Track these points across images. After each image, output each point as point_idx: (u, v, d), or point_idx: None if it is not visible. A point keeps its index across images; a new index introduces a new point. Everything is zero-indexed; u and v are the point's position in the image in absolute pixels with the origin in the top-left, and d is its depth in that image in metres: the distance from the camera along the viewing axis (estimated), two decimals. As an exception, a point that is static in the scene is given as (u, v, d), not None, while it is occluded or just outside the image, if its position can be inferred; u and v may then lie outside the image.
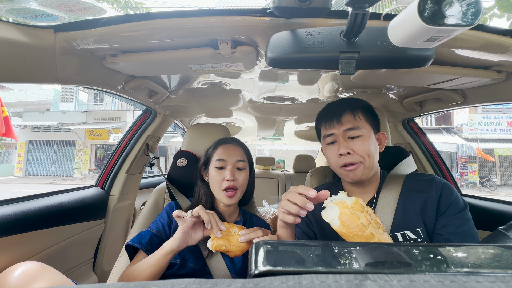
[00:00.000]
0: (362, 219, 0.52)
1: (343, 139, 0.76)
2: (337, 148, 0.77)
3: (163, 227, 0.88)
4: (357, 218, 0.51)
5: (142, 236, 0.84)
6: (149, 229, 0.87)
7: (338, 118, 0.78)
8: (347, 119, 0.77)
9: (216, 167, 0.90)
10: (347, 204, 0.53)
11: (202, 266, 0.84)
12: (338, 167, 0.78)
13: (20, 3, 0.65)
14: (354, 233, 0.51)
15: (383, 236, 0.53)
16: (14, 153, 14.57)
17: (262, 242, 0.28)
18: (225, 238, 0.72)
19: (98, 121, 13.62)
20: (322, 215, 0.56)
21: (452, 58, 0.76)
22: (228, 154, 0.91)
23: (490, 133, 11.16)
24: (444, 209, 0.70)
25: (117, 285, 0.19)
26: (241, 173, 0.91)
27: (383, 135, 0.83)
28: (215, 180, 0.89)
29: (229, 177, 0.87)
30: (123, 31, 0.66)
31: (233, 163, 0.90)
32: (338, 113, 0.78)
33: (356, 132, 0.75)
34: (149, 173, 5.22)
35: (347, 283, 0.18)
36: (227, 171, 0.88)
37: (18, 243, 0.90)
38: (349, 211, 0.52)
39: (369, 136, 0.76)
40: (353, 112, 0.78)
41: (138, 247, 0.80)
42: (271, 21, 0.62)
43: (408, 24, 0.40)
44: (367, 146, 0.74)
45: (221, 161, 0.90)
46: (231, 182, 0.87)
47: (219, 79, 1.16)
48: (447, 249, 0.27)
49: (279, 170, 3.20)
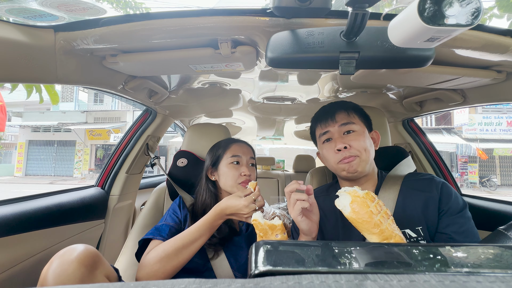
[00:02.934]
0: (372, 207, 0.55)
1: (338, 135, 0.79)
2: (334, 144, 0.79)
3: (178, 219, 0.90)
4: (367, 206, 0.55)
5: (161, 229, 0.84)
6: (165, 223, 0.87)
7: (332, 116, 0.81)
8: (341, 116, 0.81)
9: (231, 163, 0.93)
10: (359, 194, 0.57)
11: (205, 261, 0.85)
12: (336, 163, 0.79)
13: (20, 3, 0.65)
14: (363, 219, 0.54)
15: (392, 227, 0.55)
16: (14, 153, 14.57)
17: (262, 242, 0.28)
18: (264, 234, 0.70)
19: (98, 121, 13.62)
20: (335, 203, 0.59)
21: (452, 58, 0.76)
22: (242, 152, 0.95)
23: (490, 133, 11.16)
24: (445, 208, 0.71)
25: (117, 285, 0.19)
26: (253, 170, 0.96)
27: (377, 134, 0.86)
28: (230, 175, 0.91)
29: (247, 172, 0.91)
30: (123, 31, 0.66)
31: (247, 159, 0.95)
32: (332, 112, 0.82)
33: (351, 127, 0.79)
34: (149, 173, 5.23)
35: (347, 283, 0.18)
36: (244, 167, 0.92)
37: (18, 243, 0.90)
38: (360, 199, 0.56)
39: (363, 132, 0.80)
40: (346, 110, 0.82)
41: (160, 239, 0.80)
42: (271, 21, 0.62)
43: (408, 24, 0.40)
44: (362, 140, 0.77)
45: (237, 157, 0.94)
46: (248, 177, 0.91)
47: (219, 79, 1.15)
48: (447, 249, 0.27)
49: (279, 170, 3.20)
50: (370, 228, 0.53)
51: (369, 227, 0.53)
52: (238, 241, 0.90)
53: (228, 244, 0.88)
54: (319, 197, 0.88)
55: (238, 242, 0.90)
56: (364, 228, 0.54)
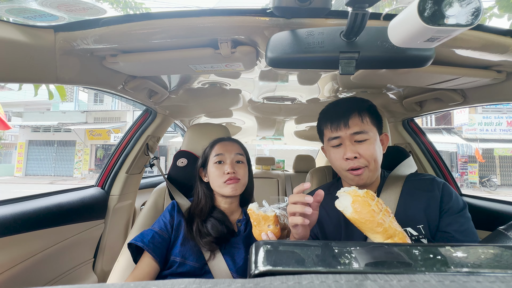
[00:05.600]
0: (373, 206, 0.54)
1: (349, 143, 0.74)
2: (343, 151, 0.75)
3: (165, 226, 0.88)
4: (368, 205, 0.54)
5: (145, 234, 0.84)
6: (151, 228, 0.87)
7: (345, 121, 0.75)
8: (355, 122, 0.75)
9: (215, 163, 0.92)
10: (359, 193, 0.56)
11: (202, 264, 0.84)
12: (344, 170, 0.76)
13: (20, 3, 0.65)
14: (365, 219, 0.53)
15: (394, 224, 0.55)
16: (14, 153, 14.56)
17: (262, 242, 0.28)
18: (258, 224, 0.75)
19: (98, 121, 13.62)
20: (336, 205, 0.58)
21: (452, 58, 0.76)
22: (225, 149, 0.94)
23: (490, 133, 11.15)
24: (447, 207, 0.71)
25: (117, 285, 0.19)
26: (241, 166, 0.94)
27: (386, 136, 0.82)
28: (215, 176, 0.91)
29: (229, 169, 0.89)
30: (123, 31, 0.66)
31: (232, 157, 0.93)
32: (345, 115, 0.76)
33: (363, 136, 0.74)
34: (149, 173, 5.23)
35: (347, 283, 0.18)
36: (227, 165, 0.91)
37: (18, 243, 0.90)
38: (361, 198, 0.55)
39: (375, 140, 0.75)
40: (360, 114, 0.75)
41: (141, 245, 0.81)
42: (271, 21, 0.62)
43: (408, 24, 0.40)
44: (373, 150, 0.73)
45: (220, 155, 0.92)
46: (232, 174, 0.89)
47: (219, 79, 1.15)
48: (447, 249, 0.27)
49: (279, 170, 3.20)
50: (374, 227, 0.53)
51: (372, 226, 0.53)
52: (235, 242, 0.90)
53: (225, 245, 0.88)
54: None
55: (236, 243, 0.89)
56: (367, 228, 0.54)
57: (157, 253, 0.82)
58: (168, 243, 0.86)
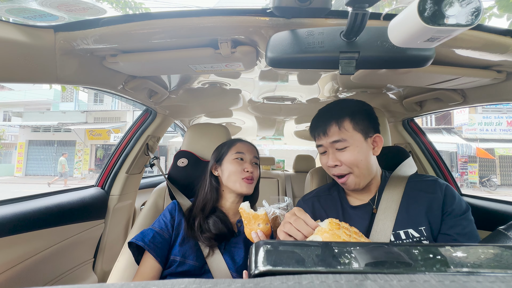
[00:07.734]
0: (342, 235, 0.56)
1: (332, 151, 0.77)
2: (327, 158, 0.79)
3: (166, 225, 0.89)
4: (338, 237, 0.55)
5: (145, 234, 0.85)
6: (151, 228, 0.88)
7: (323, 131, 0.78)
8: (332, 131, 0.76)
9: (235, 159, 0.96)
10: (324, 228, 0.57)
11: (202, 264, 0.84)
12: (333, 175, 0.80)
13: (20, 3, 0.65)
14: None
15: None
16: (14, 153, 14.57)
17: (262, 242, 0.28)
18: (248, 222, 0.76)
19: (98, 121, 13.63)
20: None
21: (452, 58, 0.76)
22: (247, 150, 0.99)
23: (490, 133, 11.16)
24: (449, 210, 0.71)
25: (117, 285, 0.19)
26: (256, 168, 0.99)
27: (379, 138, 0.79)
28: (233, 171, 0.94)
29: (250, 168, 0.94)
30: (123, 31, 0.66)
31: (251, 158, 0.98)
32: (324, 124, 0.78)
33: (343, 144, 0.75)
34: (149, 173, 5.22)
35: (347, 283, 0.18)
36: (247, 163, 0.96)
37: (18, 243, 0.90)
38: (329, 234, 0.56)
39: (357, 146, 0.74)
40: (338, 123, 0.76)
41: (141, 245, 0.81)
42: (271, 21, 0.62)
43: (408, 24, 0.40)
44: (354, 156, 0.74)
45: (241, 154, 0.97)
46: (251, 174, 0.94)
47: (219, 79, 1.15)
48: (447, 249, 0.27)
49: (279, 170, 3.20)
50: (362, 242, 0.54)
51: None
52: (235, 241, 0.90)
53: (225, 245, 0.88)
54: (321, 196, 0.88)
55: (236, 243, 0.90)
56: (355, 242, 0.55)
57: (158, 253, 0.82)
58: (168, 243, 0.87)
